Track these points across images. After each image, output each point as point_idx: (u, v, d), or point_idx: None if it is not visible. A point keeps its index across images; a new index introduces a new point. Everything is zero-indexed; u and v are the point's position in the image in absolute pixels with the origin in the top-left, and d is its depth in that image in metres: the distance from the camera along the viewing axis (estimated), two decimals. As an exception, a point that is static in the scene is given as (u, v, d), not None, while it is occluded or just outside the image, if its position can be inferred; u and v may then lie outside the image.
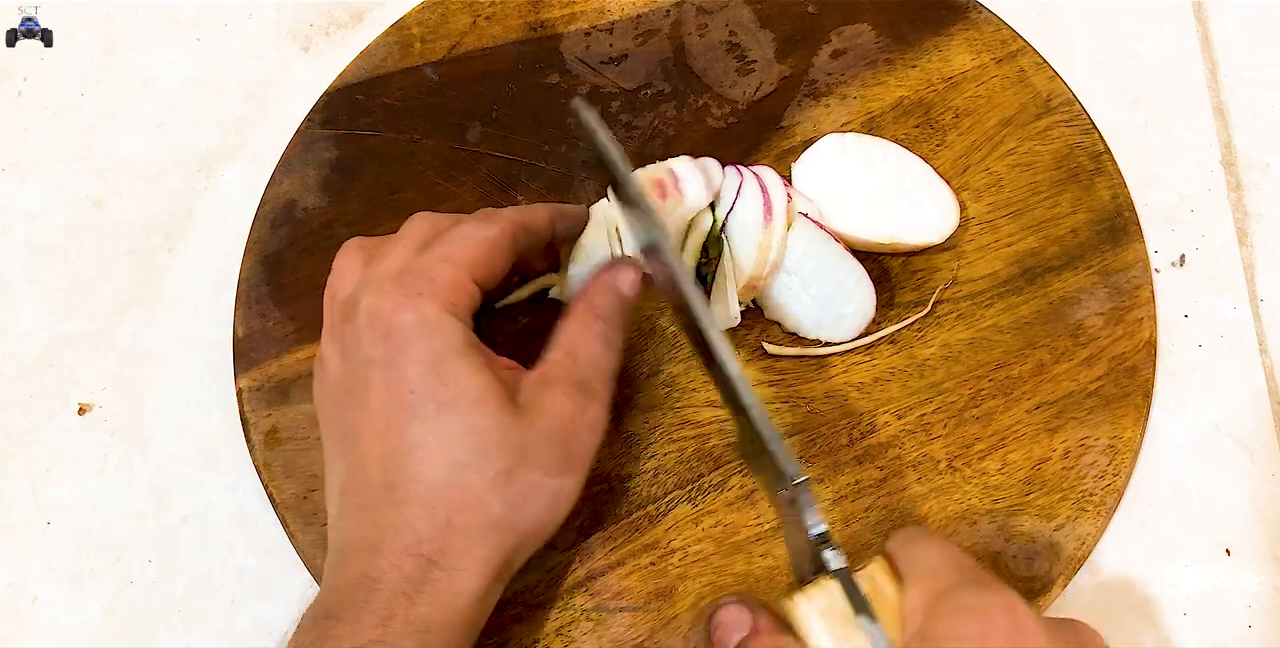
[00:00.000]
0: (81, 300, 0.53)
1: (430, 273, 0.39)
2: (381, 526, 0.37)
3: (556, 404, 0.39)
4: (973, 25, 0.54)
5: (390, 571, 0.36)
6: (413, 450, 0.37)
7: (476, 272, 0.40)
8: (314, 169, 0.53)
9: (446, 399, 0.37)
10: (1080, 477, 0.46)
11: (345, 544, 0.38)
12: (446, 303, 0.38)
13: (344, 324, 0.40)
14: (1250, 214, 0.53)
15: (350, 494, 0.39)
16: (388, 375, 0.38)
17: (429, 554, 0.36)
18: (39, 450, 0.51)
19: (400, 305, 0.38)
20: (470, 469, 0.37)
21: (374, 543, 0.37)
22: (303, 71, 0.57)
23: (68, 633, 0.48)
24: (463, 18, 0.55)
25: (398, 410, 0.38)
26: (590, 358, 0.41)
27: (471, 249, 0.40)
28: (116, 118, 0.57)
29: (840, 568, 0.36)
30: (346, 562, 0.38)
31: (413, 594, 0.36)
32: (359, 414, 0.39)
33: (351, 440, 0.39)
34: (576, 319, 0.42)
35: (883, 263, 0.50)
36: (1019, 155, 0.51)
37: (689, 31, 0.54)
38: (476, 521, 0.37)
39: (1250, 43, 0.56)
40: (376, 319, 0.39)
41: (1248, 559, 0.46)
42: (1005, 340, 0.48)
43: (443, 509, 0.37)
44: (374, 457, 0.38)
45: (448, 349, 0.38)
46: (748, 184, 0.47)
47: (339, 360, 0.40)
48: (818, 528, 0.36)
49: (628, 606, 0.45)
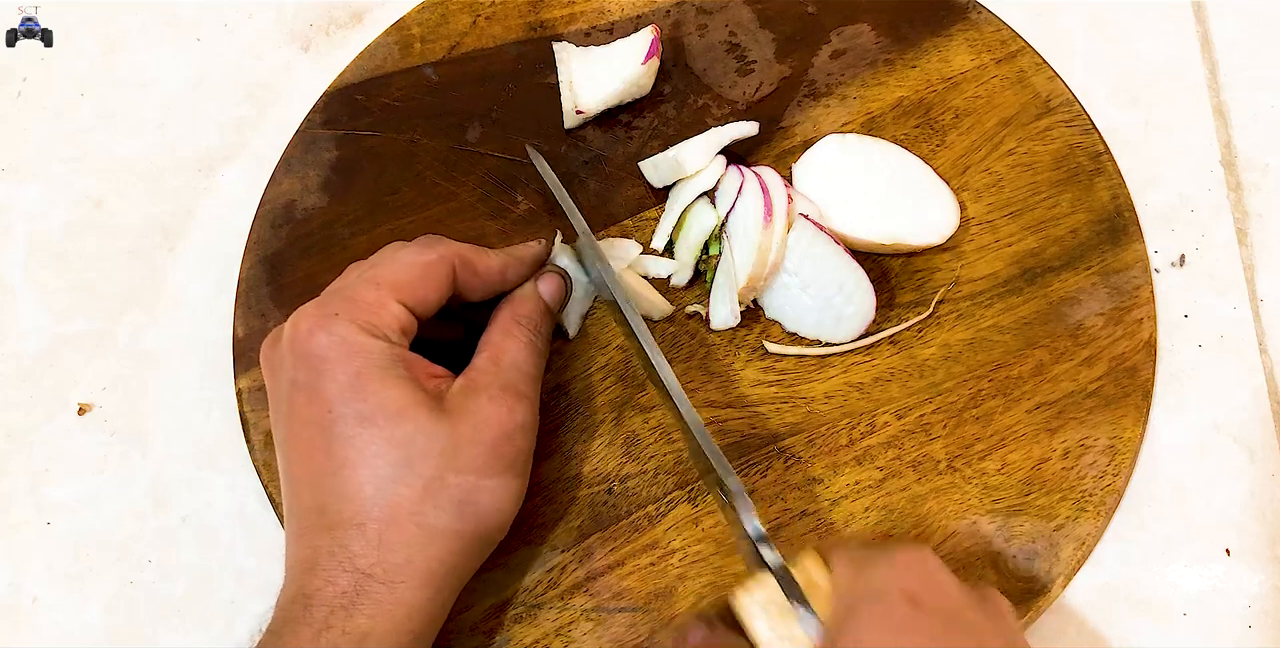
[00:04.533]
0: (81, 300, 0.53)
1: (351, 294, 0.40)
2: (317, 548, 0.37)
3: (483, 408, 0.40)
4: (973, 25, 0.54)
5: (325, 586, 0.36)
6: (338, 471, 0.38)
7: (403, 293, 0.40)
8: (314, 169, 0.53)
9: (366, 414, 0.38)
10: (1080, 477, 0.46)
11: (289, 567, 0.39)
12: (364, 323, 0.39)
13: (271, 348, 0.41)
14: (1250, 214, 0.53)
15: (289, 518, 0.40)
16: (308, 397, 0.38)
17: (365, 569, 0.37)
18: (39, 450, 0.51)
19: (315, 328, 0.39)
20: (398, 483, 0.37)
21: (310, 564, 0.37)
22: (303, 72, 0.57)
23: (68, 633, 0.48)
24: (463, 18, 0.55)
25: (319, 431, 0.38)
26: (514, 362, 0.42)
27: (400, 272, 0.41)
28: (116, 118, 0.57)
29: (777, 566, 0.38)
30: (288, 584, 0.38)
31: (350, 607, 0.36)
32: (287, 438, 0.39)
33: (284, 464, 0.40)
34: (500, 327, 0.43)
35: (882, 263, 0.50)
36: (1019, 156, 0.51)
37: (689, 32, 0.54)
38: (412, 533, 0.37)
39: (1250, 43, 0.56)
40: (294, 342, 0.39)
41: (1248, 559, 0.46)
42: (1005, 341, 0.48)
43: (373, 527, 0.37)
44: (303, 481, 0.39)
45: (366, 366, 0.38)
46: (748, 184, 0.47)
47: (271, 382, 0.41)
48: (755, 529, 0.40)
49: (628, 606, 0.45)
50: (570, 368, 0.49)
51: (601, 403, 0.48)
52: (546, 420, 0.47)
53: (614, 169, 0.52)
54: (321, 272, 0.51)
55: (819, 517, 0.46)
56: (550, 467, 0.47)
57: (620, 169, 0.52)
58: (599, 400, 0.48)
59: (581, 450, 0.47)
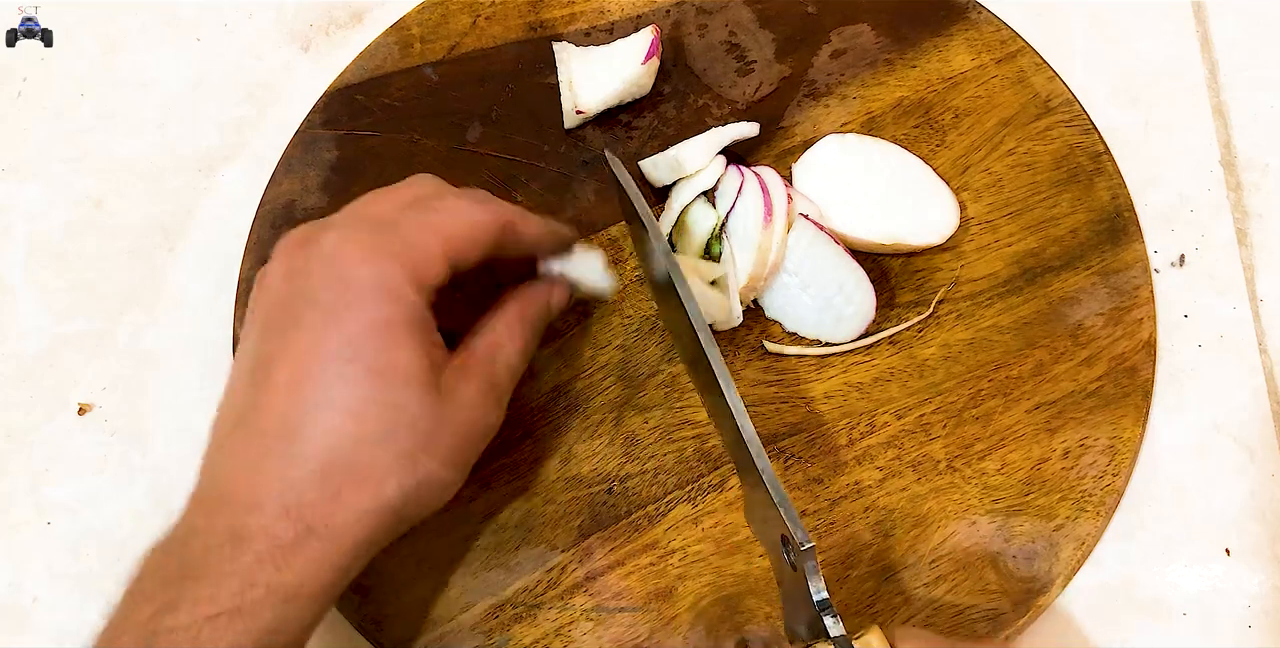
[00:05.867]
0: (81, 300, 0.53)
1: (409, 237, 0.37)
2: (265, 478, 0.34)
3: (469, 399, 0.38)
4: (972, 25, 0.54)
5: (261, 533, 0.33)
6: (322, 410, 0.35)
7: (453, 248, 0.38)
8: (314, 169, 0.53)
9: (379, 368, 0.35)
10: (1080, 477, 0.46)
11: (219, 484, 0.36)
12: (413, 270, 0.37)
13: (300, 248, 0.37)
14: (1250, 214, 0.53)
15: (241, 430, 0.36)
16: (323, 320, 0.35)
17: (309, 521, 0.34)
18: (39, 450, 0.51)
19: (366, 258, 0.36)
20: (377, 446, 0.35)
21: (251, 497, 0.34)
22: (303, 72, 0.57)
23: (68, 633, 0.48)
24: (463, 18, 0.55)
25: (321, 361, 0.35)
26: (508, 363, 0.41)
27: (459, 226, 0.38)
28: (116, 118, 0.57)
29: (838, 636, 0.36)
30: (211, 510, 0.35)
31: (280, 562, 0.33)
32: (280, 350, 0.36)
33: (263, 373, 0.36)
34: (505, 320, 0.42)
35: (882, 263, 0.50)
36: (1019, 156, 0.51)
37: (689, 32, 0.54)
38: (368, 499, 0.35)
39: (1250, 43, 0.56)
40: (335, 260, 0.36)
41: (1248, 559, 0.46)
42: (1005, 341, 0.48)
43: (336, 479, 0.35)
44: (280, 401, 0.35)
45: (396, 317, 0.36)
46: (748, 184, 0.47)
47: (280, 282, 0.38)
48: (820, 595, 0.37)
49: (628, 606, 0.45)
50: (570, 368, 0.49)
51: (601, 403, 0.48)
52: (546, 420, 0.48)
53: (614, 169, 0.52)
54: (321, 272, 0.51)
55: (819, 517, 0.46)
56: (550, 467, 0.47)
57: (620, 169, 0.52)
58: (599, 400, 0.48)
59: (581, 450, 0.47)
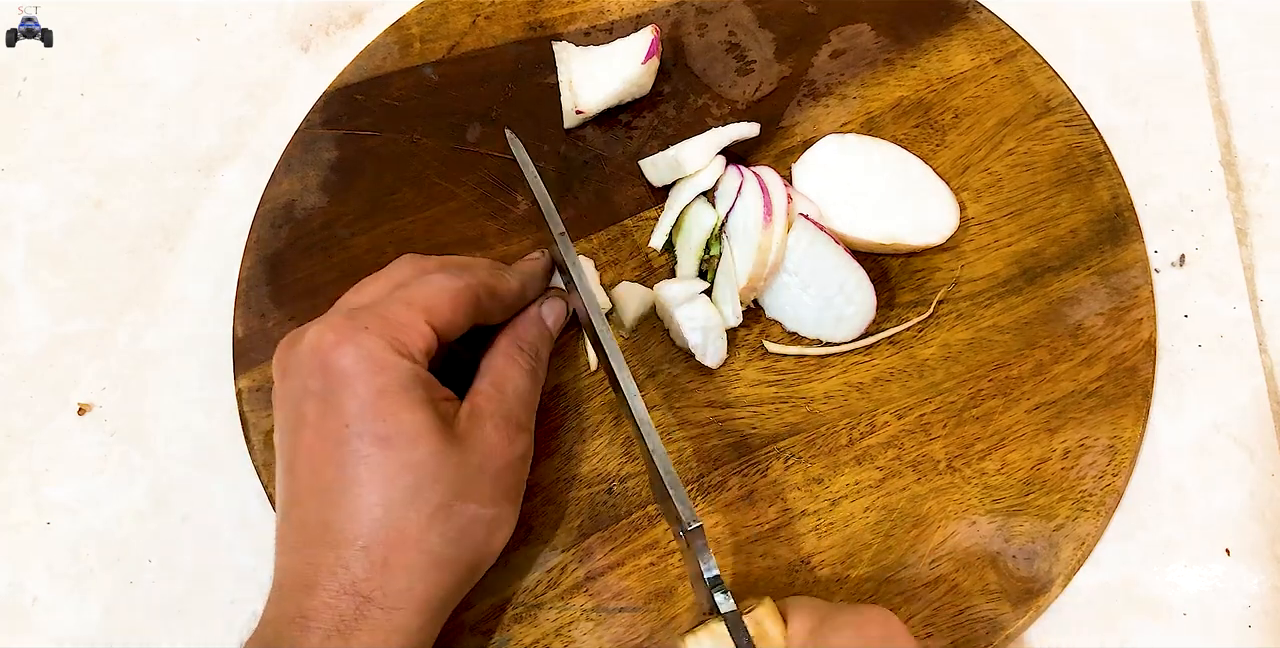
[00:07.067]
0: (81, 300, 0.53)
1: (383, 311, 0.39)
2: (317, 565, 0.37)
3: (489, 437, 0.40)
4: (972, 25, 0.54)
5: (324, 610, 0.36)
6: (348, 488, 0.37)
7: (434, 316, 0.40)
8: (314, 169, 0.53)
9: (384, 435, 0.37)
10: (1080, 477, 0.46)
11: (283, 579, 0.38)
12: (392, 340, 0.38)
13: (288, 348, 0.40)
14: (1250, 214, 0.53)
15: (286, 525, 0.39)
16: (325, 409, 0.38)
17: (366, 593, 0.36)
18: (39, 450, 0.51)
19: (343, 340, 0.38)
20: (408, 508, 0.37)
21: (309, 581, 0.37)
22: (303, 71, 0.57)
23: (68, 633, 0.48)
24: (463, 18, 0.55)
25: (333, 445, 0.38)
26: (517, 391, 0.42)
27: (433, 295, 0.40)
28: (116, 118, 0.57)
29: (729, 611, 0.37)
30: (283, 598, 0.37)
31: (347, 633, 0.36)
32: (296, 446, 0.39)
33: (289, 471, 0.39)
34: (503, 351, 0.43)
35: (882, 263, 0.50)
36: (1018, 155, 0.51)
37: (688, 31, 0.54)
38: (415, 559, 0.37)
39: (1250, 43, 0.56)
40: (316, 351, 0.38)
41: (1248, 559, 0.46)
42: (1005, 341, 0.48)
43: (379, 549, 0.37)
44: (310, 492, 0.38)
45: (390, 385, 0.38)
46: (748, 184, 0.47)
47: (280, 385, 0.40)
48: (710, 572, 0.38)
49: (628, 606, 0.45)
50: (570, 368, 0.49)
51: (601, 403, 0.48)
52: (546, 420, 0.48)
53: (614, 169, 0.52)
54: (321, 271, 0.51)
55: (819, 517, 0.46)
56: (550, 467, 0.47)
57: (620, 169, 0.52)
58: (598, 401, 0.48)
59: (581, 450, 0.47)
